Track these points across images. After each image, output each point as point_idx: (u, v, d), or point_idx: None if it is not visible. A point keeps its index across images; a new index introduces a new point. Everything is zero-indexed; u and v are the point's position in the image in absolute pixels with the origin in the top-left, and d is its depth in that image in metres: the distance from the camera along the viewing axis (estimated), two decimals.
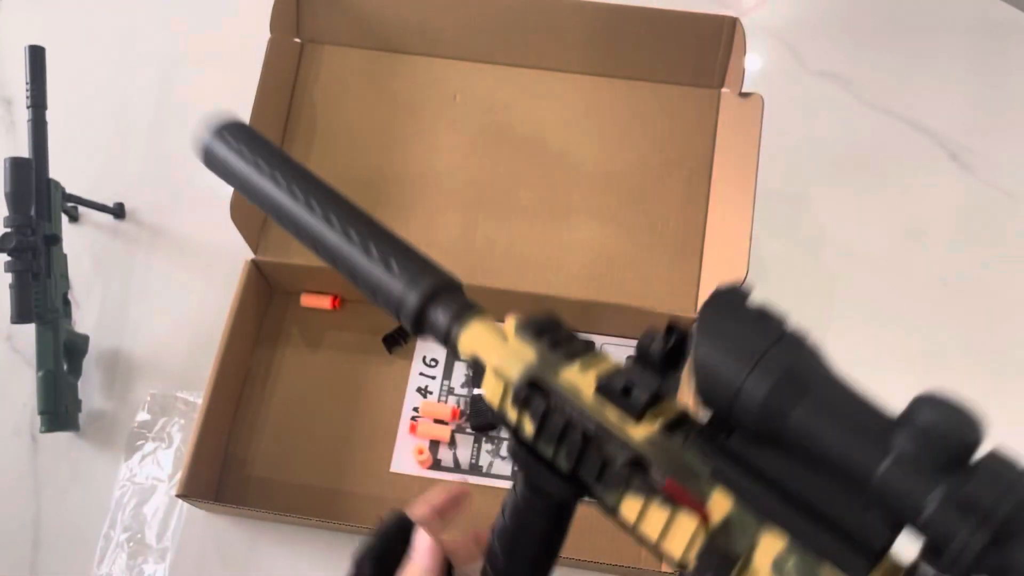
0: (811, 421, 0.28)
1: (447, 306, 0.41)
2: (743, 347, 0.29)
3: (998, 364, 0.79)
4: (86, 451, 0.78)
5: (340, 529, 0.71)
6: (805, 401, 0.28)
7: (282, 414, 0.78)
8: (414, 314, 0.40)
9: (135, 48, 1.00)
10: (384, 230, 0.43)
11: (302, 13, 0.80)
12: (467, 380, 0.78)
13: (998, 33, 0.97)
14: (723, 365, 0.30)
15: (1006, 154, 0.89)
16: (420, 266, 0.41)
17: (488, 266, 0.76)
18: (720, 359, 0.30)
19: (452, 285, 0.42)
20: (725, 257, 0.70)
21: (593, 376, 0.36)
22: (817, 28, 0.98)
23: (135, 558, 0.72)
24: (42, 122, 0.80)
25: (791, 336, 0.30)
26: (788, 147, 0.90)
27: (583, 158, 0.78)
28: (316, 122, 0.80)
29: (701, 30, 0.75)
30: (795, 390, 0.29)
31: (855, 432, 0.28)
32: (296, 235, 0.44)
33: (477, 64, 0.81)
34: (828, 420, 0.28)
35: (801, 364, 0.29)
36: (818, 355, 0.30)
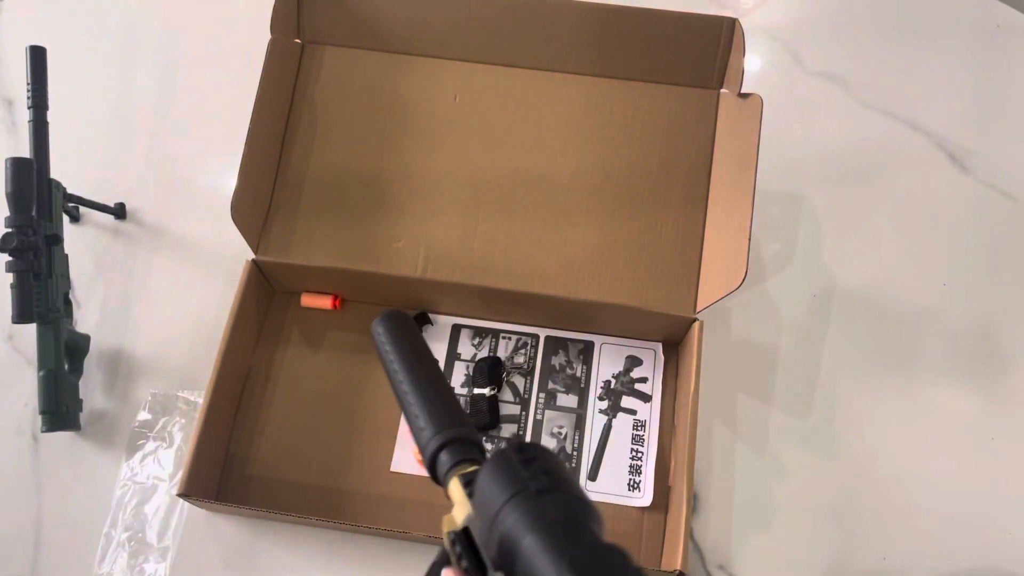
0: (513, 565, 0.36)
1: (447, 458, 0.47)
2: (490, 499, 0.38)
3: (998, 364, 0.80)
4: (87, 450, 0.78)
5: (340, 528, 0.72)
6: (512, 560, 0.36)
7: (283, 414, 0.78)
8: (431, 460, 0.48)
9: (136, 48, 1.01)
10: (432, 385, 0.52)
11: (303, 14, 0.80)
12: (467, 380, 0.78)
13: (997, 34, 0.97)
14: (483, 516, 0.38)
15: (1005, 155, 0.90)
16: (440, 422, 0.49)
17: (488, 266, 0.76)
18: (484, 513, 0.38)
19: (457, 434, 0.48)
20: (724, 257, 0.71)
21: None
22: (816, 29, 0.98)
23: (136, 557, 0.73)
24: (43, 122, 0.80)
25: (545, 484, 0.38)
26: (787, 147, 0.90)
27: (582, 158, 0.78)
28: (316, 122, 0.80)
29: (700, 31, 0.75)
30: (506, 549, 0.36)
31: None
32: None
33: (477, 64, 0.81)
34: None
35: (511, 528, 0.36)
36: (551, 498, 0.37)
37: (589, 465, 0.75)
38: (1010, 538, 0.72)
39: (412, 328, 0.55)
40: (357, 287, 0.80)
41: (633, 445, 0.75)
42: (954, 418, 0.77)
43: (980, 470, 0.75)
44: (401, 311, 0.55)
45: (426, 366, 0.53)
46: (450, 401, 0.51)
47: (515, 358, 0.80)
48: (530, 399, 0.78)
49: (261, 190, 0.78)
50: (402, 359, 0.53)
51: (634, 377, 0.78)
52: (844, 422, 0.77)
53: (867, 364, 0.80)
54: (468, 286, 0.76)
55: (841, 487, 0.74)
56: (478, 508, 0.39)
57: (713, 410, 0.77)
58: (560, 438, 0.76)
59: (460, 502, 0.43)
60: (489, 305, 0.79)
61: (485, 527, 0.38)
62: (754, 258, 0.68)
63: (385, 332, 0.54)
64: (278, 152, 0.80)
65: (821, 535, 0.73)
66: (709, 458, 0.75)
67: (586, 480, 0.74)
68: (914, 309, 0.82)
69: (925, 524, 0.73)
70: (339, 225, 0.78)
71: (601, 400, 0.77)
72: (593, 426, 0.76)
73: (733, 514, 0.73)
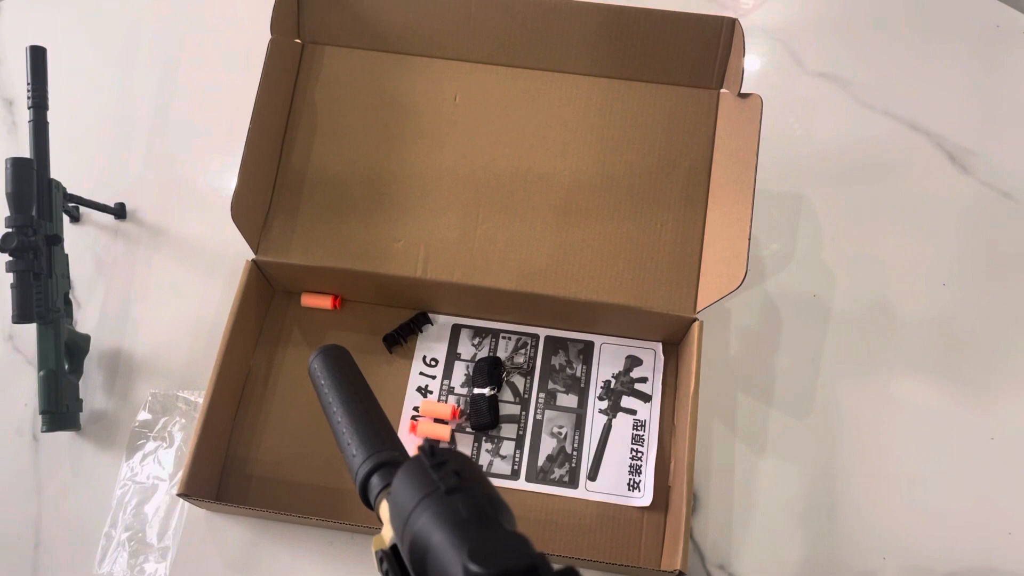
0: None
1: (372, 487, 0.49)
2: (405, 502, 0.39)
3: (998, 364, 0.80)
4: (87, 450, 0.78)
5: (340, 528, 0.72)
6: (423, 555, 0.38)
7: (283, 413, 0.78)
8: (361, 487, 0.50)
9: (136, 48, 1.01)
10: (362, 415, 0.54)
11: (303, 14, 0.80)
12: (467, 380, 0.78)
13: (997, 34, 0.97)
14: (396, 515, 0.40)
15: (1005, 155, 0.90)
16: (367, 448, 0.51)
17: (488, 266, 0.76)
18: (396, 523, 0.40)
19: (384, 462, 0.50)
20: (724, 257, 0.71)
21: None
22: (816, 29, 0.98)
23: (136, 557, 0.73)
24: (43, 122, 0.80)
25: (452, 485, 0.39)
26: (787, 147, 0.90)
27: (582, 158, 0.78)
28: (316, 122, 0.80)
29: (700, 31, 0.76)
30: (417, 544, 0.38)
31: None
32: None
33: (477, 64, 0.81)
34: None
35: (424, 527, 0.38)
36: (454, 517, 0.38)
37: (589, 465, 0.75)
38: (1011, 539, 0.72)
39: (347, 361, 0.56)
40: (357, 287, 0.80)
41: (633, 445, 0.75)
42: (954, 418, 0.77)
43: (980, 470, 0.75)
44: (337, 346, 0.57)
45: (360, 396, 0.54)
46: (381, 427, 0.52)
47: (515, 358, 0.80)
48: (530, 399, 0.78)
49: (261, 190, 0.78)
50: (335, 390, 0.55)
51: (634, 377, 0.78)
52: (844, 422, 0.77)
53: (867, 364, 0.80)
54: (468, 286, 0.76)
55: (841, 487, 0.74)
56: (393, 515, 0.41)
57: (713, 410, 0.77)
58: (560, 438, 0.76)
59: (388, 522, 0.44)
60: (489, 305, 0.79)
61: (398, 531, 0.40)
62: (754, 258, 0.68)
63: (320, 367, 0.55)
64: (278, 152, 0.80)
65: (821, 534, 0.73)
66: (709, 458, 0.75)
67: (586, 480, 0.74)
68: (914, 309, 0.82)
69: (925, 524, 0.73)
70: (339, 225, 0.78)
71: (601, 400, 0.77)
72: (593, 426, 0.76)
73: (733, 514, 0.73)
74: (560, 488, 0.74)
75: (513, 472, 0.74)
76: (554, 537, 0.72)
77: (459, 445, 0.76)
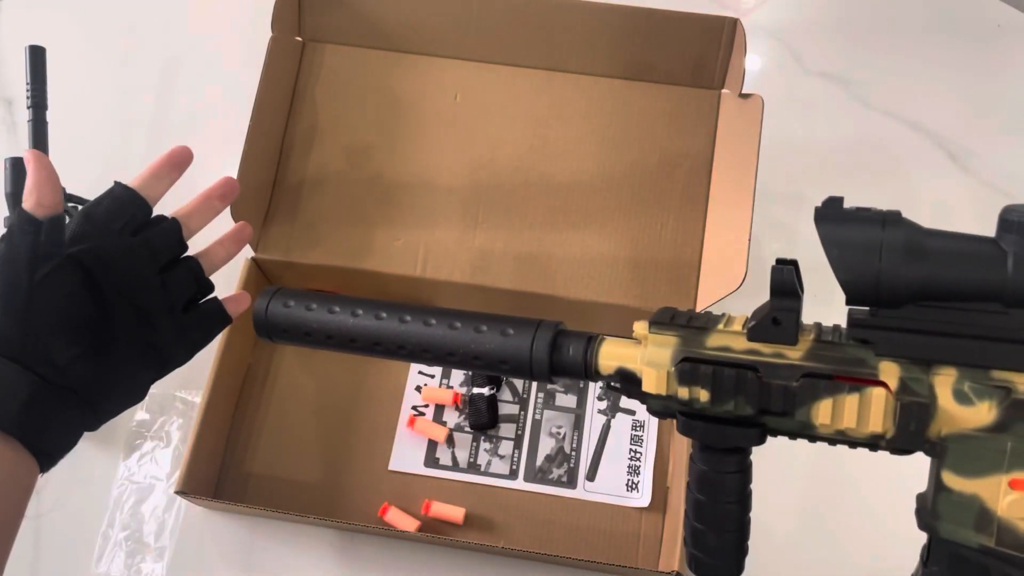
0: (940, 271, 0.36)
1: (571, 343, 0.45)
2: (865, 243, 0.37)
3: None
4: (85, 450, 0.78)
5: (339, 527, 0.71)
6: (928, 260, 0.36)
7: (281, 412, 0.78)
8: (548, 363, 0.45)
9: (135, 48, 1.01)
10: (465, 310, 0.48)
11: (304, 12, 0.80)
12: (466, 380, 0.78)
13: (997, 33, 0.97)
14: (858, 263, 0.37)
15: (1005, 154, 0.90)
16: (521, 323, 0.46)
17: (488, 266, 0.76)
18: (854, 260, 0.37)
19: (557, 325, 0.46)
20: (724, 257, 0.70)
21: (737, 328, 0.42)
22: (817, 29, 0.98)
23: (133, 556, 0.73)
24: (42, 122, 0.80)
25: (888, 216, 0.37)
26: (787, 148, 0.90)
27: (583, 158, 0.78)
28: (317, 121, 0.80)
29: (701, 31, 0.75)
30: (916, 256, 0.36)
31: (974, 260, 0.36)
32: (397, 355, 0.48)
33: (477, 64, 0.81)
34: (951, 264, 0.36)
35: (909, 234, 0.37)
36: (909, 221, 0.37)
37: (588, 465, 0.74)
38: None
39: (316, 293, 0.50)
40: (356, 286, 0.80)
41: (632, 445, 0.75)
42: None
43: None
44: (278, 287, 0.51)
45: (414, 304, 0.49)
46: (473, 311, 0.47)
47: None
48: (529, 399, 0.77)
49: (261, 188, 0.78)
50: (392, 306, 0.48)
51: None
52: None
53: None
54: (468, 285, 0.76)
55: (841, 487, 0.74)
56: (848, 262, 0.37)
57: None
58: (559, 438, 0.76)
59: (659, 344, 0.42)
60: (488, 304, 0.79)
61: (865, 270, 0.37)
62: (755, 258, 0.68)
63: (313, 303, 0.49)
64: (278, 151, 0.80)
65: (821, 535, 0.72)
66: None
67: (584, 480, 0.74)
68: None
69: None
70: (339, 224, 0.78)
71: (600, 400, 0.77)
72: (592, 426, 0.76)
73: None
74: (558, 488, 0.73)
75: (511, 472, 0.74)
76: (552, 537, 0.72)
77: (457, 445, 0.75)
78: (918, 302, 0.37)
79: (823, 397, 0.39)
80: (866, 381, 0.39)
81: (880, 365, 0.39)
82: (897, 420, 0.38)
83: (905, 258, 0.36)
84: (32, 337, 0.50)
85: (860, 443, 0.41)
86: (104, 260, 0.53)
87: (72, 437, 0.53)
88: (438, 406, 0.77)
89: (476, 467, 0.74)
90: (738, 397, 0.41)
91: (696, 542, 0.46)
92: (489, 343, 0.45)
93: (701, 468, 0.44)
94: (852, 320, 0.40)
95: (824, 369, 0.39)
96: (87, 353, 0.51)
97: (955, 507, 0.38)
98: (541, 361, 0.45)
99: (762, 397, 0.40)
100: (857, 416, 0.39)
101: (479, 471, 0.74)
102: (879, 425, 0.39)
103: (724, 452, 0.43)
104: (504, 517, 0.73)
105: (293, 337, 0.50)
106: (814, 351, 0.40)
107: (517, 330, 0.45)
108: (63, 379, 0.50)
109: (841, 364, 0.39)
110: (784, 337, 0.41)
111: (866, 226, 0.37)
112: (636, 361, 0.43)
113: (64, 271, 0.52)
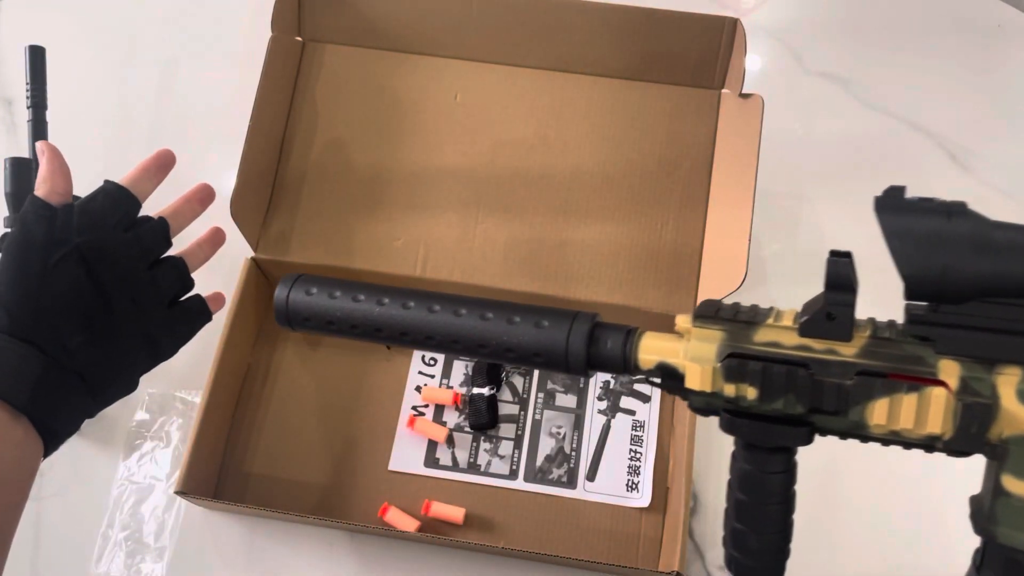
0: (1008, 266, 0.35)
1: (609, 336, 0.43)
2: (930, 235, 0.35)
3: None
4: (85, 450, 0.78)
5: (338, 527, 0.71)
6: (995, 254, 0.35)
7: (281, 412, 0.78)
8: (585, 355, 0.43)
9: (135, 48, 1.01)
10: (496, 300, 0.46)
11: (304, 12, 0.80)
12: (466, 379, 0.78)
13: (998, 33, 0.97)
14: (922, 256, 0.35)
15: (1005, 154, 0.90)
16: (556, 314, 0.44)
17: (488, 266, 0.76)
18: (918, 253, 0.36)
19: (594, 317, 0.44)
20: (724, 257, 0.70)
21: (787, 323, 0.40)
22: (817, 29, 0.98)
23: (133, 557, 0.73)
24: (42, 122, 0.80)
25: (954, 207, 0.36)
26: (788, 148, 0.90)
27: (583, 158, 0.78)
28: (317, 120, 0.80)
29: (701, 31, 0.75)
30: (983, 249, 0.35)
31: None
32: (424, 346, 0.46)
33: (477, 64, 0.81)
34: (1020, 258, 0.35)
35: (976, 226, 0.35)
36: (975, 212, 0.36)
37: (588, 465, 0.74)
38: None
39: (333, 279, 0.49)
40: None
41: (632, 446, 0.75)
42: None
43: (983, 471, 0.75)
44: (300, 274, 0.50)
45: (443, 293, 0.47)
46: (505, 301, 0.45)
47: None
48: (529, 399, 0.77)
49: (261, 188, 0.78)
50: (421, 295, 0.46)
51: (633, 377, 0.78)
52: None
53: None
54: (467, 285, 0.75)
55: (842, 486, 0.74)
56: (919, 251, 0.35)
57: None
58: (559, 438, 0.76)
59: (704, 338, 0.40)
60: None
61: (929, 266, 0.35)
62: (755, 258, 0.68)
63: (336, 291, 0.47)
64: (278, 150, 0.80)
65: (822, 534, 0.72)
66: (708, 459, 0.75)
67: (584, 480, 0.74)
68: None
69: (928, 524, 0.73)
70: (338, 223, 0.78)
71: (600, 400, 0.77)
72: (592, 426, 0.76)
73: None
74: (558, 488, 0.73)
75: (511, 472, 0.74)
76: (552, 537, 0.72)
77: (457, 445, 0.75)
78: (983, 298, 0.36)
79: (879, 396, 0.38)
80: (925, 380, 0.37)
81: (940, 364, 0.37)
82: (957, 421, 0.37)
83: (971, 251, 0.35)
84: (44, 320, 0.51)
85: (915, 444, 0.40)
86: (102, 253, 0.55)
87: (76, 420, 0.54)
88: (438, 406, 0.77)
89: (476, 467, 0.74)
90: (788, 395, 0.39)
91: (736, 543, 0.44)
92: (523, 335, 0.43)
93: (744, 467, 0.43)
94: (911, 316, 0.38)
95: (880, 367, 0.38)
96: (94, 339, 0.53)
97: (1015, 512, 0.37)
98: (578, 354, 0.42)
99: (813, 395, 0.39)
100: (915, 417, 0.38)
101: (479, 471, 0.74)
102: (938, 426, 0.37)
103: (769, 451, 0.42)
104: (504, 517, 0.73)
105: (315, 326, 0.48)
106: (869, 348, 0.39)
107: (552, 322, 0.43)
108: (72, 362, 0.52)
109: (898, 362, 0.38)
110: (838, 333, 0.39)
111: (931, 217, 0.36)
112: (679, 356, 0.41)
113: (73, 259, 0.53)
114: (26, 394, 0.49)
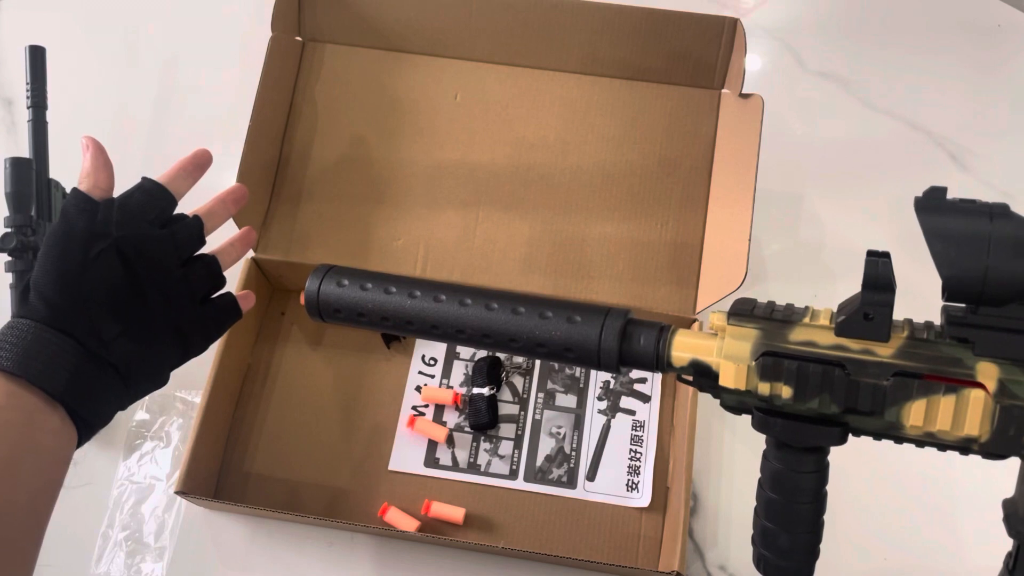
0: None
1: (641, 333, 0.43)
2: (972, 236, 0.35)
3: None
4: (85, 450, 0.77)
5: (338, 527, 0.71)
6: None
7: (281, 412, 0.78)
8: (617, 352, 0.42)
9: (135, 48, 1.01)
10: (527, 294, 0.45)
11: (304, 12, 0.80)
12: (466, 380, 0.78)
13: (998, 33, 0.97)
14: (964, 258, 0.35)
15: (1005, 154, 0.90)
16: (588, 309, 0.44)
17: (488, 266, 0.76)
18: (959, 255, 0.35)
19: (627, 314, 0.44)
20: (724, 257, 0.70)
21: (825, 322, 0.40)
22: (817, 29, 0.98)
23: (133, 557, 0.72)
24: (42, 122, 0.80)
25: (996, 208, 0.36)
26: (788, 147, 0.90)
27: (583, 158, 0.78)
28: (317, 120, 0.80)
29: (701, 31, 0.75)
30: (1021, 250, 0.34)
31: None
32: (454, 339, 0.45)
33: (477, 64, 0.81)
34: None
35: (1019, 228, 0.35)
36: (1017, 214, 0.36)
37: (588, 465, 0.74)
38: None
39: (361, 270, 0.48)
40: None
41: (632, 446, 0.75)
42: None
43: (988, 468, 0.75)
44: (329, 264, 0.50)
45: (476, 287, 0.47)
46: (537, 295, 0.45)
47: (514, 358, 0.79)
48: (529, 399, 0.77)
49: (261, 188, 0.78)
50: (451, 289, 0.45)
51: (633, 377, 0.78)
52: None
53: None
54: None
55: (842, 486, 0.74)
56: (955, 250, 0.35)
57: (712, 411, 0.77)
58: (559, 438, 0.76)
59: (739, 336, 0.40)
60: None
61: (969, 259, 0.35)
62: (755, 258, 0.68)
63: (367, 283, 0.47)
64: (278, 150, 0.80)
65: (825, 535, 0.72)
66: (708, 459, 0.75)
67: (584, 480, 0.74)
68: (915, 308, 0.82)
69: (929, 524, 0.73)
70: (339, 223, 0.78)
71: (600, 400, 0.77)
72: (592, 426, 0.76)
73: (733, 514, 0.73)
74: (558, 488, 0.73)
75: (511, 472, 0.74)
76: (552, 537, 0.72)
77: (457, 445, 0.75)
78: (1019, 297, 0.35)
79: (916, 397, 0.38)
80: (962, 382, 0.37)
81: (978, 366, 0.37)
82: (995, 424, 0.37)
83: (1014, 254, 0.35)
84: (83, 312, 0.52)
85: (951, 446, 0.40)
86: (139, 248, 0.56)
87: (109, 412, 0.55)
88: (438, 406, 0.77)
89: (476, 467, 0.74)
90: (823, 395, 0.39)
91: (766, 542, 0.44)
92: (555, 330, 0.43)
93: (776, 466, 0.43)
94: (950, 318, 0.38)
95: (918, 368, 0.38)
96: (129, 331, 0.53)
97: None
98: (610, 351, 0.42)
99: (849, 395, 0.39)
100: (952, 419, 0.37)
101: (479, 471, 0.74)
102: (975, 428, 0.37)
103: (802, 451, 0.42)
104: (504, 517, 0.73)
105: (346, 318, 0.49)
106: (907, 349, 0.39)
107: (584, 317, 0.43)
108: (107, 354, 0.52)
109: (936, 363, 0.38)
110: (875, 333, 0.39)
111: (973, 219, 0.36)
112: (712, 354, 0.41)
113: (111, 253, 0.54)
114: (63, 383, 0.49)
